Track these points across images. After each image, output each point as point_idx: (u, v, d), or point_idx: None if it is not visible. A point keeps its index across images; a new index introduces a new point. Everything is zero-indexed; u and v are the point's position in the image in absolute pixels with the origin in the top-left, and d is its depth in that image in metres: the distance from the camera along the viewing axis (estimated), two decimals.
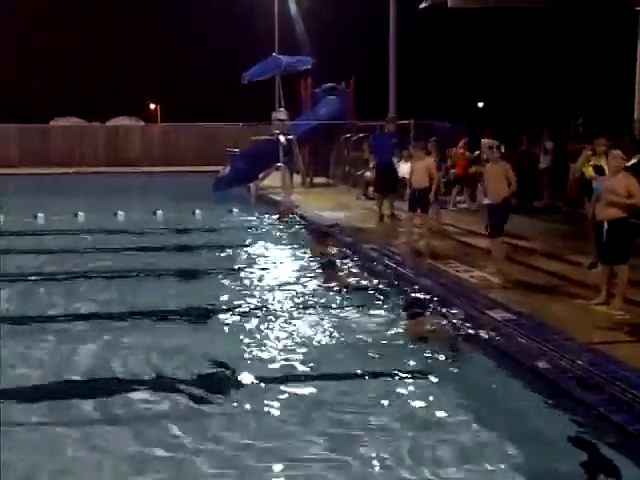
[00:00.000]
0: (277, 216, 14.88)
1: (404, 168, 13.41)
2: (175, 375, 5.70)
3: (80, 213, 15.14)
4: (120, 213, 15.22)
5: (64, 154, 35.30)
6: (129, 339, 6.64)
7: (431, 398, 5.26)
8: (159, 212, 15.41)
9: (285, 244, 12.13)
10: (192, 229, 13.83)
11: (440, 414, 5.00)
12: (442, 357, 6.08)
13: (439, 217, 12.39)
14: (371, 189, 15.88)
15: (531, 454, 4.46)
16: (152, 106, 54.44)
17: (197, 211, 15.76)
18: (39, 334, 6.79)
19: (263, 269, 9.76)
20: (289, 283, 8.85)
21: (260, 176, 21.20)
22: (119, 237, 12.55)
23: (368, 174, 16.61)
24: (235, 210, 16.15)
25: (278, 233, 13.44)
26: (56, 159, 34.56)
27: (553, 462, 4.41)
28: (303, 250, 11.25)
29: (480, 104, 47.54)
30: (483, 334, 6.34)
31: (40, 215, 14.68)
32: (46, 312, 7.60)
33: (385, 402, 5.19)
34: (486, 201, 8.61)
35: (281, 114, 19.45)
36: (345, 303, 7.89)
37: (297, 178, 20.94)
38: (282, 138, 18.80)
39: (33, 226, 13.92)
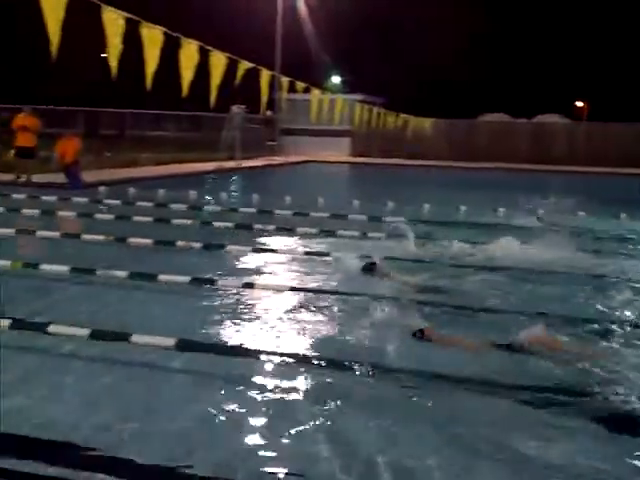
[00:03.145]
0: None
1: None
2: None
3: (500, 209, 15.36)
4: (540, 211, 15.04)
5: (489, 149, 36.46)
6: None
7: None
8: (581, 213, 14.84)
9: None
10: (613, 235, 12.98)
11: None
12: None
13: None
14: None
15: None
16: (580, 104, 52.99)
17: (622, 215, 14.88)
18: None
19: None
20: None
21: None
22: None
23: None
24: None
25: None
26: (481, 154, 35.83)
27: None
28: None
29: None
30: None
31: (463, 207, 15.34)
32: None
33: None
34: None
35: None
36: None
37: None
38: None
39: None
